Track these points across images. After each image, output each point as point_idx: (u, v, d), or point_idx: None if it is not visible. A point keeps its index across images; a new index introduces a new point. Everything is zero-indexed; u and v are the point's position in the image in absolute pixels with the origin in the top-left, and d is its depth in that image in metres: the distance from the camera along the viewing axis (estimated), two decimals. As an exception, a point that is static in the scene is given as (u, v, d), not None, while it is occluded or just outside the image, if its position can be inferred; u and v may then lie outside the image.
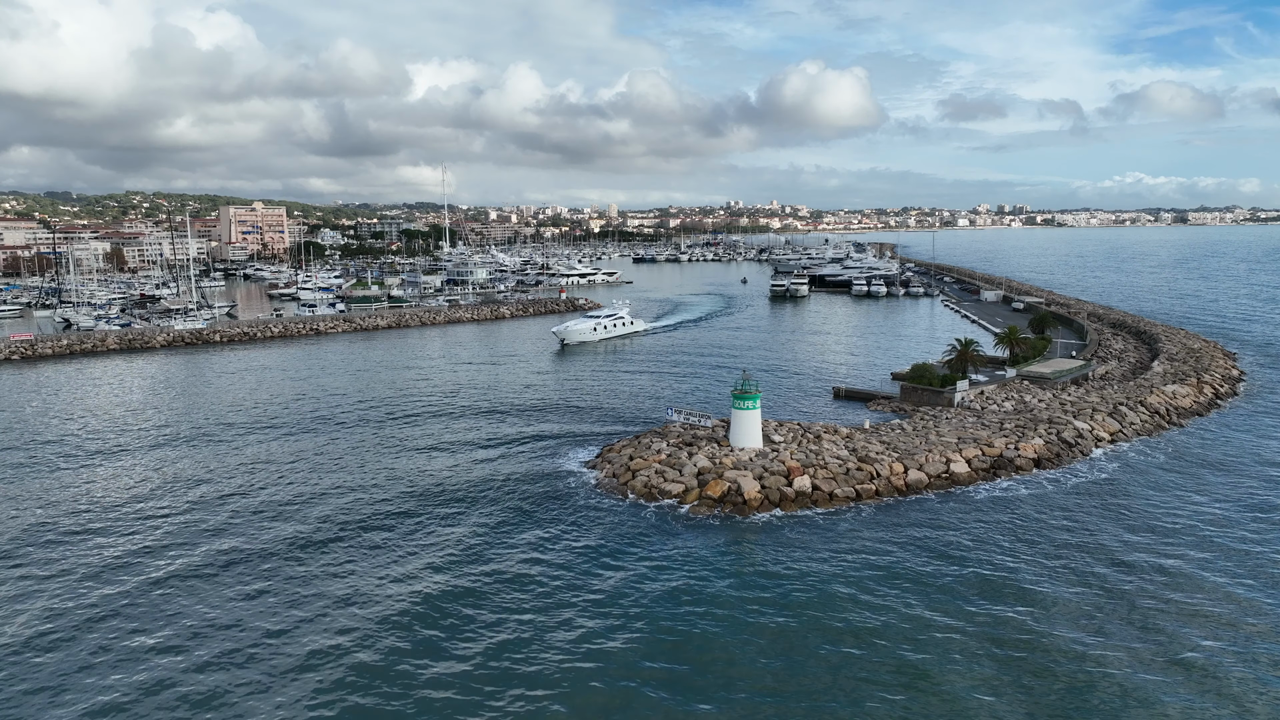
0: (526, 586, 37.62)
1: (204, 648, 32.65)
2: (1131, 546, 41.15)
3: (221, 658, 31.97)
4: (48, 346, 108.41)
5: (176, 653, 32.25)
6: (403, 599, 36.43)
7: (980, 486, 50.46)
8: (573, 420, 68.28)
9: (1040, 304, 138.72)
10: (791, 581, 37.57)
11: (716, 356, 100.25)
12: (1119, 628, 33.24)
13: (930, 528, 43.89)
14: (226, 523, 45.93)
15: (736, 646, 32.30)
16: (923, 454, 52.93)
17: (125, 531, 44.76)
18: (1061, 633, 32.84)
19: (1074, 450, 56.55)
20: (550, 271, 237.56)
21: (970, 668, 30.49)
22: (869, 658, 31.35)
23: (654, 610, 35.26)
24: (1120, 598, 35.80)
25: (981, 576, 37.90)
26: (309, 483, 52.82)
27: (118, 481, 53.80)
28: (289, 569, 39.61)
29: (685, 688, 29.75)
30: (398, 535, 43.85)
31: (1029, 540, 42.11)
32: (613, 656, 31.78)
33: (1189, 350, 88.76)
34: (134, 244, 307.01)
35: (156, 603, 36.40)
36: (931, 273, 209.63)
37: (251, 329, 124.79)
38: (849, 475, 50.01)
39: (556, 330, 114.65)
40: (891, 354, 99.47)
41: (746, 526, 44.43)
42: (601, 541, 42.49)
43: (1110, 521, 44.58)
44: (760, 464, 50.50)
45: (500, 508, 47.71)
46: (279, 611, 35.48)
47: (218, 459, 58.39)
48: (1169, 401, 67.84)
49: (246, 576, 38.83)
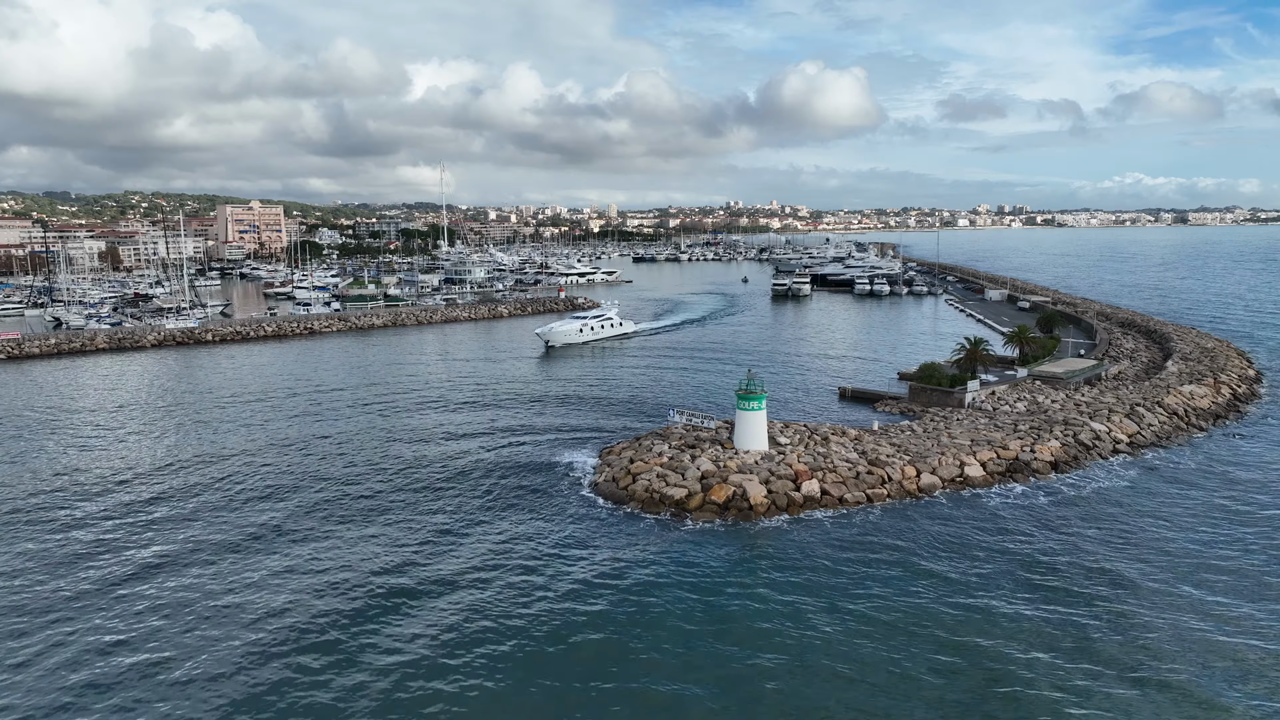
0: (521, 599, 35.41)
1: (182, 638, 31.22)
2: (1161, 568, 38.24)
3: (203, 647, 30.67)
4: (35, 345, 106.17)
5: (155, 647, 30.19)
6: (390, 619, 34.25)
7: (992, 490, 48.20)
8: (570, 421, 66.07)
9: (1046, 303, 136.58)
10: (803, 594, 35.38)
11: (719, 356, 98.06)
12: (1154, 666, 30.97)
13: (945, 540, 41.71)
14: (195, 514, 44.01)
15: (745, 662, 30.14)
16: (935, 457, 50.77)
17: (87, 523, 42.61)
18: (1094, 658, 30.69)
19: (1091, 453, 54.41)
20: (549, 271, 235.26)
21: (988, 690, 28.33)
22: (890, 681, 29.20)
23: (657, 624, 33.08)
24: (1151, 629, 33.53)
25: (1005, 591, 35.72)
26: (284, 483, 50.67)
27: (85, 475, 51.60)
28: (260, 561, 37.49)
29: (695, 710, 27.61)
30: (383, 544, 41.63)
31: (1052, 558, 39.50)
32: (613, 675, 29.63)
33: (1203, 350, 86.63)
34: (129, 243, 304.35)
35: (128, 597, 34.31)
36: (935, 272, 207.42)
37: (244, 328, 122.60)
38: (859, 479, 47.84)
39: (540, 332, 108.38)
40: (897, 353, 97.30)
41: (754, 533, 42.24)
42: (599, 551, 40.29)
43: (1136, 536, 41.99)
44: (766, 467, 48.32)
45: (495, 514, 45.50)
46: (240, 604, 33.85)
47: (196, 456, 56.19)
48: (1187, 402, 65.68)
49: (219, 568, 36.76)
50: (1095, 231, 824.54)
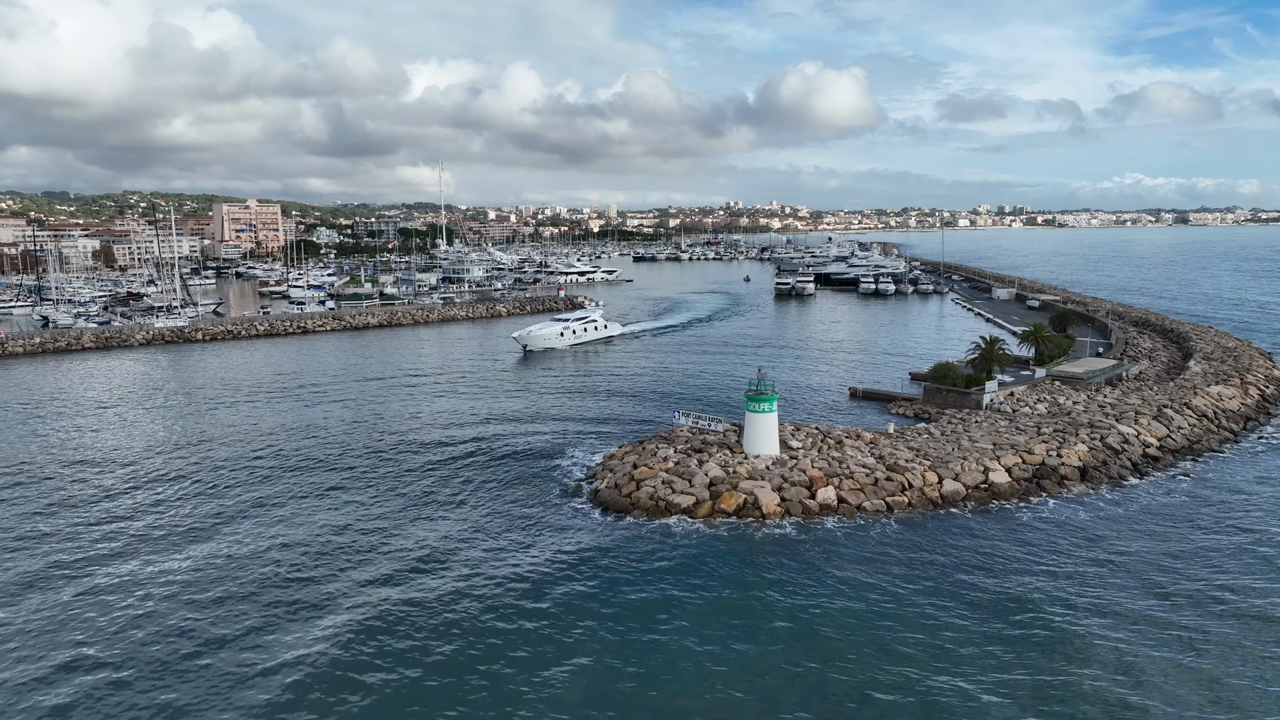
0: (517, 618, 32.44)
1: (163, 652, 28.70)
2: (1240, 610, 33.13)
3: (186, 659, 28.91)
4: (18, 345, 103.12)
5: (135, 659, 27.26)
6: (373, 641, 31.29)
7: (1023, 506, 44.61)
8: (569, 423, 63.08)
9: (1056, 302, 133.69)
10: (824, 621, 32.45)
11: (724, 355, 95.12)
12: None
13: (977, 561, 38.75)
14: (176, 523, 40.93)
15: (763, 693, 27.22)
16: (957, 462, 47.80)
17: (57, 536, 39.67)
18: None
19: (1121, 457, 51.41)
20: (549, 269, 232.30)
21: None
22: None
23: (663, 649, 30.16)
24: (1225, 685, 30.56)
25: (1047, 620, 32.71)
26: (263, 485, 47.70)
27: (44, 468, 48.66)
28: (223, 574, 34.54)
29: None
30: (364, 554, 38.65)
31: (1105, 586, 34.78)
32: (616, 705, 26.70)
33: (1225, 349, 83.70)
34: (124, 242, 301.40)
35: (102, 610, 31.35)
36: (940, 271, 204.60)
37: (236, 327, 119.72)
38: (878, 486, 44.88)
39: (518, 335, 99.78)
40: (907, 353, 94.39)
41: (767, 545, 39.26)
42: (600, 564, 37.29)
43: (1205, 564, 37.24)
44: (779, 473, 45.36)
45: (487, 522, 42.50)
46: (227, 612, 30.69)
47: (166, 456, 53.24)
48: (1215, 404, 62.73)
49: (198, 580, 33.81)
50: (1096, 232, 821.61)
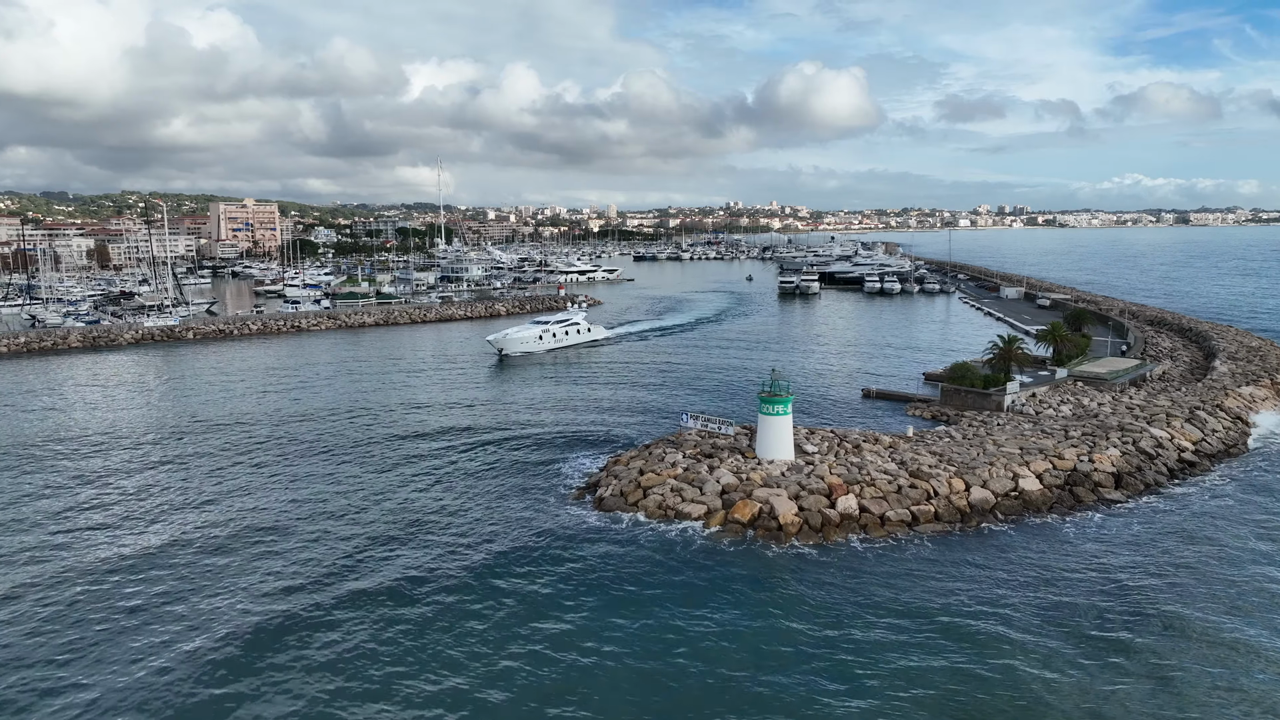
0: (514, 638, 29.57)
1: (136, 659, 24.97)
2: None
3: (174, 663, 25.30)
4: (3, 344, 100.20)
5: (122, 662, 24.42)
6: (376, 655, 28.41)
7: (1067, 520, 41.38)
8: (571, 426, 60.19)
9: (1067, 300, 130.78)
10: (851, 651, 29.59)
11: (730, 356, 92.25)
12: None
13: (1029, 582, 35.87)
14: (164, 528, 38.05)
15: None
16: (983, 468, 44.94)
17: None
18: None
19: (1156, 462, 48.54)
20: (549, 269, 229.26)
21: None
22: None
23: (672, 678, 27.31)
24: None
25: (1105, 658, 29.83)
26: (246, 488, 44.83)
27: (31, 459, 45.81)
28: (205, 581, 31.65)
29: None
30: (351, 566, 35.77)
31: (1174, 624, 30.68)
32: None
33: (1249, 349, 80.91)
34: (119, 241, 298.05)
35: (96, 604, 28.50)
36: (946, 270, 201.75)
37: (229, 326, 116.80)
38: (901, 494, 42.00)
39: (493, 339, 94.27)
40: (918, 352, 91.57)
41: (786, 561, 36.41)
42: (604, 581, 34.42)
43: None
44: (795, 480, 42.50)
45: (484, 532, 39.63)
46: (193, 616, 27.64)
47: (155, 457, 50.36)
48: (1247, 405, 59.96)
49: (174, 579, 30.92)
50: (1098, 232, 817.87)
